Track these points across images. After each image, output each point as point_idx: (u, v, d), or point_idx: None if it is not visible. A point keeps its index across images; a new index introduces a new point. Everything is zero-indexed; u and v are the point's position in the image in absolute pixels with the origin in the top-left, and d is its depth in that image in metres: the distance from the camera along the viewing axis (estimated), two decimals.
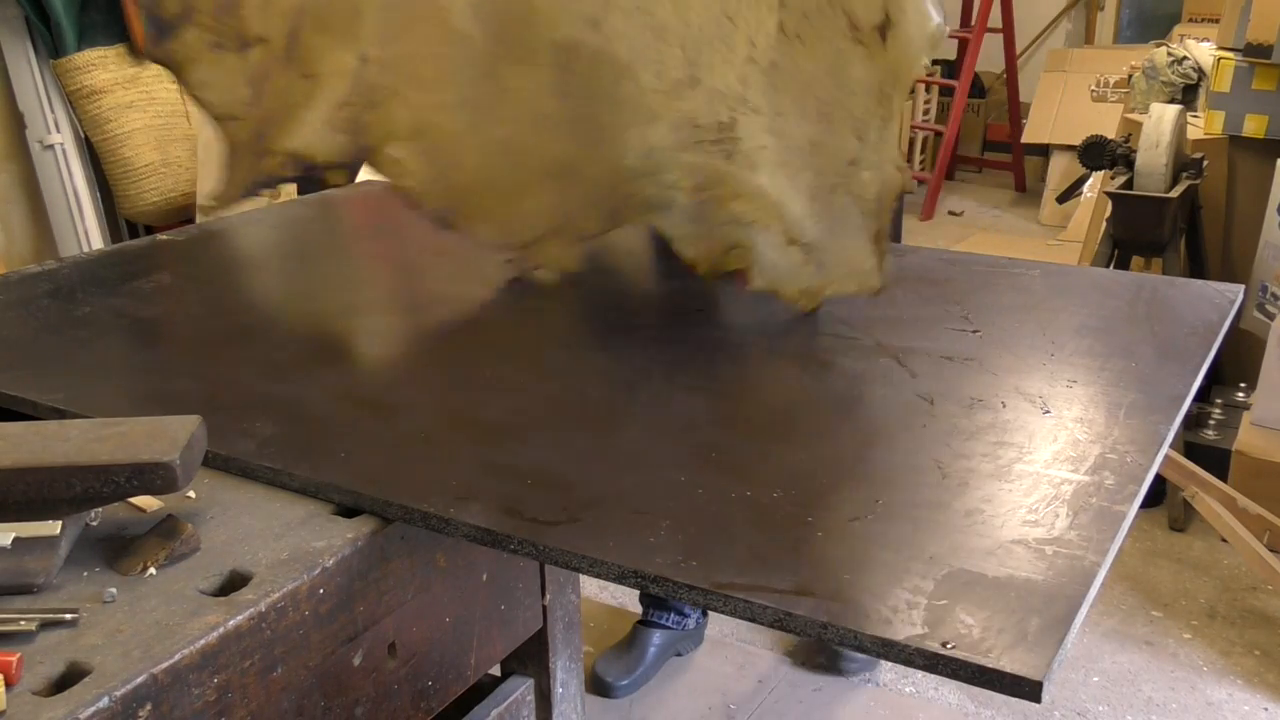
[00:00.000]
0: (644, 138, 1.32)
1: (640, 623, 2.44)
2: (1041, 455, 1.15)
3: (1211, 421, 3.19)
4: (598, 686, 2.35)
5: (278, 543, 1.03)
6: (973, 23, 6.53)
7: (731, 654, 2.49)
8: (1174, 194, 3.07)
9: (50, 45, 3.18)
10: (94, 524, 1.06)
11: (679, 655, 2.47)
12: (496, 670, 1.38)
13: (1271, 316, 3.05)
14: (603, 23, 1.34)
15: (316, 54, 1.48)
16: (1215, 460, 2.87)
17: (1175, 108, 3.17)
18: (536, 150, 1.40)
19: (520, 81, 1.39)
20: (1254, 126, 3.38)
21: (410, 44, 1.47)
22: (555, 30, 1.38)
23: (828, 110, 1.24)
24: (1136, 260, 3.31)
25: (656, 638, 2.41)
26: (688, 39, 1.29)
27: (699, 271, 1.39)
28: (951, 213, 6.34)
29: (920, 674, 2.36)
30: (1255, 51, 3.31)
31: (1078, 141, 3.45)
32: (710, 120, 1.28)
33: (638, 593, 2.46)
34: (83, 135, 3.30)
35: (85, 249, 3.18)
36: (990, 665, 0.83)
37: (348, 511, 1.09)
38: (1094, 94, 6.08)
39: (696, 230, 1.34)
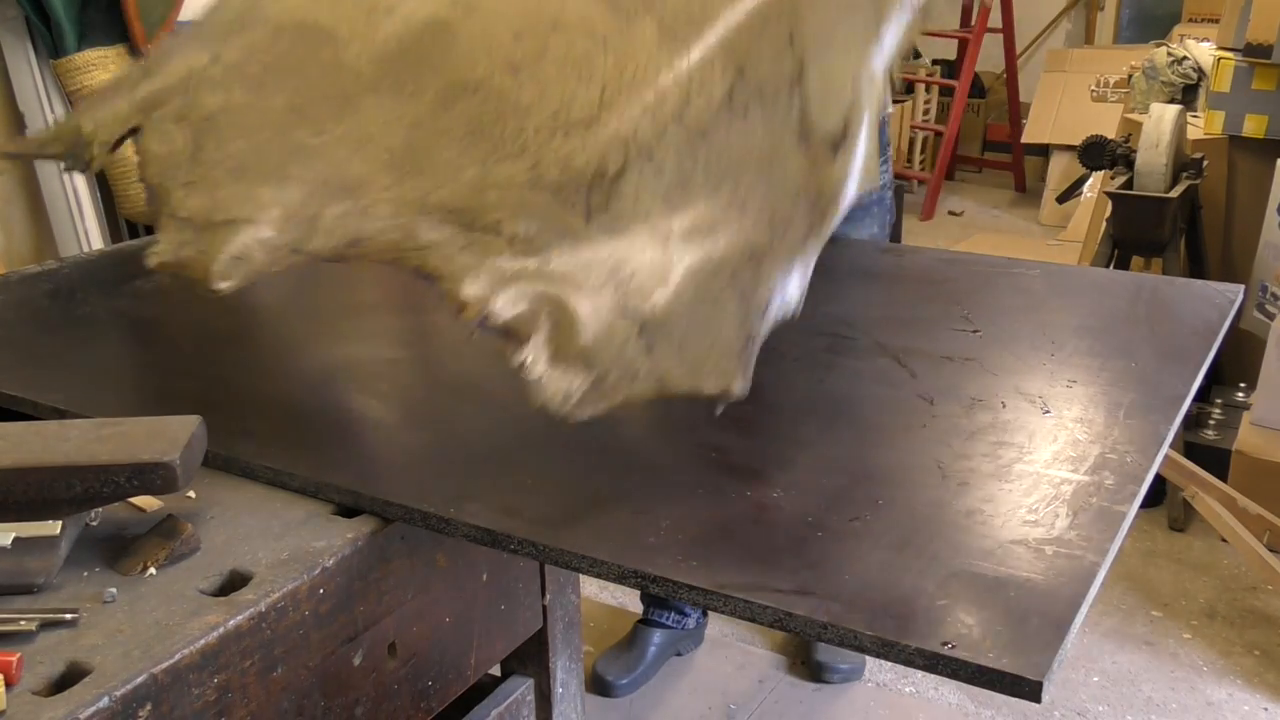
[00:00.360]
0: (487, 174, 1.11)
1: (641, 622, 2.45)
2: (1041, 455, 1.15)
3: (1211, 421, 3.19)
4: (598, 686, 2.35)
5: (278, 543, 1.03)
6: (973, 23, 6.53)
7: (731, 654, 2.49)
8: (1174, 194, 3.07)
9: (50, 45, 3.18)
10: (94, 524, 1.06)
11: (679, 655, 2.47)
12: (496, 670, 1.38)
13: (1271, 316, 3.04)
14: (525, 69, 1.17)
15: (171, 54, 1.37)
16: (1215, 460, 2.87)
17: (1175, 108, 3.17)
18: (334, 165, 1.18)
19: (376, 110, 1.22)
20: (1254, 126, 3.38)
21: (280, 58, 1.31)
22: (467, 71, 1.21)
23: (745, 198, 1.05)
24: (1136, 260, 3.31)
25: (657, 637, 2.41)
26: (613, 85, 1.11)
27: (463, 315, 1.05)
28: (951, 213, 6.34)
29: (920, 674, 2.36)
30: (1255, 51, 3.31)
31: (1078, 141, 3.46)
32: (589, 164, 1.07)
33: (638, 592, 2.46)
34: None
35: (85, 249, 3.17)
36: (990, 665, 0.83)
37: (348, 511, 1.09)
38: (1094, 94, 6.08)
39: (484, 273, 1.05)
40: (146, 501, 1.09)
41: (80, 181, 3.28)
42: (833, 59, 1.11)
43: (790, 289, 1.02)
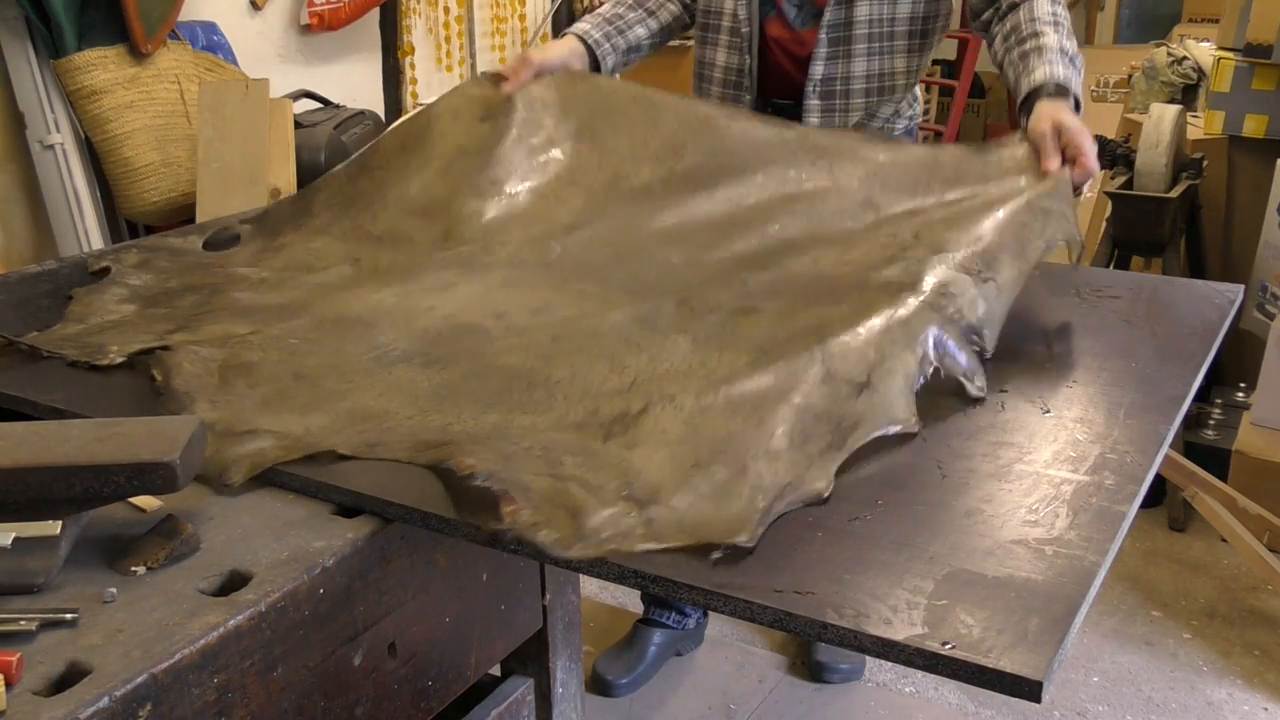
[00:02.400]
0: (512, 418, 1.19)
1: (641, 621, 2.45)
2: (1041, 455, 1.15)
3: (1211, 421, 3.19)
4: (598, 685, 2.35)
5: (278, 543, 1.03)
6: None
7: (731, 654, 2.49)
8: (1174, 194, 3.07)
9: (50, 45, 3.18)
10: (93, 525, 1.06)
11: (679, 655, 2.47)
12: (496, 670, 1.38)
13: (1271, 316, 3.04)
14: (558, 359, 1.27)
15: (214, 321, 1.47)
16: (1215, 460, 2.86)
17: (1175, 108, 3.17)
18: (358, 403, 1.25)
19: (405, 373, 1.31)
20: (1254, 126, 3.38)
21: (319, 336, 1.42)
22: (501, 358, 1.31)
23: (764, 419, 1.11)
24: (1136, 260, 3.31)
25: (657, 637, 2.41)
26: (645, 375, 1.21)
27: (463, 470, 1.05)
28: None
29: (920, 674, 2.36)
30: (1255, 51, 3.30)
31: None
32: (615, 412, 1.16)
33: (638, 592, 2.46)
34: (83, 135, 3.29)
35: (85, 249, 3.17)
36: (990, 665, 0.83)
37: (348, 511, 1.09)
38: (1094, 94, 6.07)
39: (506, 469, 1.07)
40: (146, 501, 1.09)
41: (80, 181, 3.28)
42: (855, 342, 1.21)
43: (815, 481, 1.06)
